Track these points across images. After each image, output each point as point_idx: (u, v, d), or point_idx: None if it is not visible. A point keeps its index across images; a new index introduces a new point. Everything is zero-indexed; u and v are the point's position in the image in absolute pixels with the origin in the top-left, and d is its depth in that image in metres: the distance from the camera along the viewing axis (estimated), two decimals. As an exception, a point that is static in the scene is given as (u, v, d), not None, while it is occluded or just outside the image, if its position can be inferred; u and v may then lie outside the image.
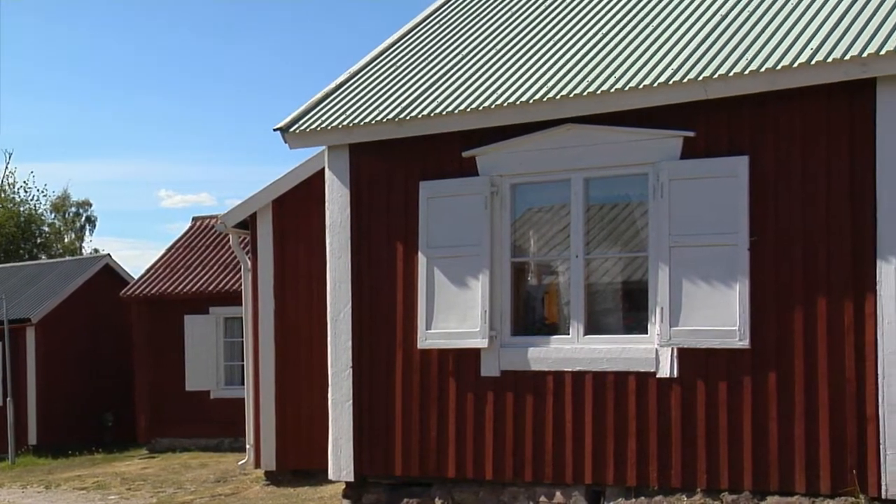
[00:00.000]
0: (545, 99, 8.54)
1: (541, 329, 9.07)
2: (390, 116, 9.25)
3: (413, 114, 9.15)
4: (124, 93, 74.10)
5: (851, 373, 7.57)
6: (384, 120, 9.25)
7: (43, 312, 23.95)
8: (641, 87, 8.14)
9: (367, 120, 9.35)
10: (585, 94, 8.37)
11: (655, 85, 8.09)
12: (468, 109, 8.86)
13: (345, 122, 9.44)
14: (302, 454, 13.17)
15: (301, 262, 13.22)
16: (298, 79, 74.66)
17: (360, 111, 9.55)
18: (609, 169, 8.57)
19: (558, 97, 8.48)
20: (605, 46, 9.09)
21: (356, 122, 9.39)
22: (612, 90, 8.26)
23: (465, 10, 11.14)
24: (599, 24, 9.61)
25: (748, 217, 7.92)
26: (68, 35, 72.81)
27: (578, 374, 8.55)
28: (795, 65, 7.60)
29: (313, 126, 9.59)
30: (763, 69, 7.71)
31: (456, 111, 8.92)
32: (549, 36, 9.76)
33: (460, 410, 9.03)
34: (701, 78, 7.94)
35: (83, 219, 51.19)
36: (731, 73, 7.83)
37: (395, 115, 9.23)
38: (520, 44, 9.83)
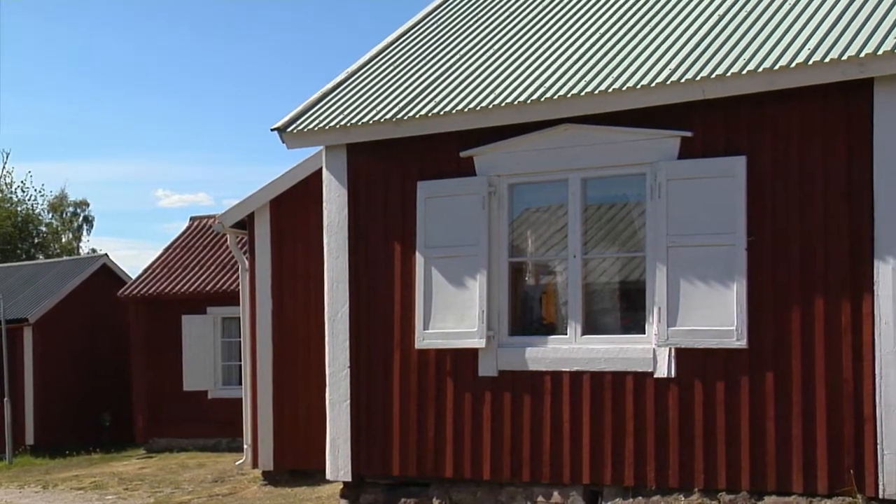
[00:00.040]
0: (543, 99, 8.54)
1: (538, 329, 9.07)
2: (388, 116, 9.25)
3: (410, 114, 9.15)
4: (122, 93, 74.09)
5: (849, 373, 7.58)
6: (382, 120, 9.25)
7: (40, 312, 23.92)
8: (639, 87, 8.14)
9: (364, 120, 9.34)
10: (583, 94, 8.37)
11: (653, 85, 8.10)
12: (466, 109, 8.86)
13: (342, 122, 9.44)
14: (299, 454, 13.17)
15: (299, 262, 13.22)
16: (296, 79, 74.66)
17: (358, 111, 9.54)
18: (606, 169, 8.57)
19: (556, 97, 8.48)
20: (602, 46, 9.09)
21: (354, 122, 9.39)
22: (610, 90, 8.26)
23: (463, 10, 11.14)
24: (597, 24, 9.61)
25: (745, 217, 7.93)
26: (66, 35, 72.80)
27: (576, 374, 8.55)
28: (793, 65, 7.60)
29: (311, 126, 9.59)
30: (760, 69, 7.72)
31: (453, 111, 8.92)
32: (546, 36, 9.76)
33: (458, 410, 9.03)
34: (698, 78, 7.94)
35: (80, 218, 51.09)
36: (728, 74, 7.83)
37: (392, 115, 9.23)
38: (517, 44, 9.83)
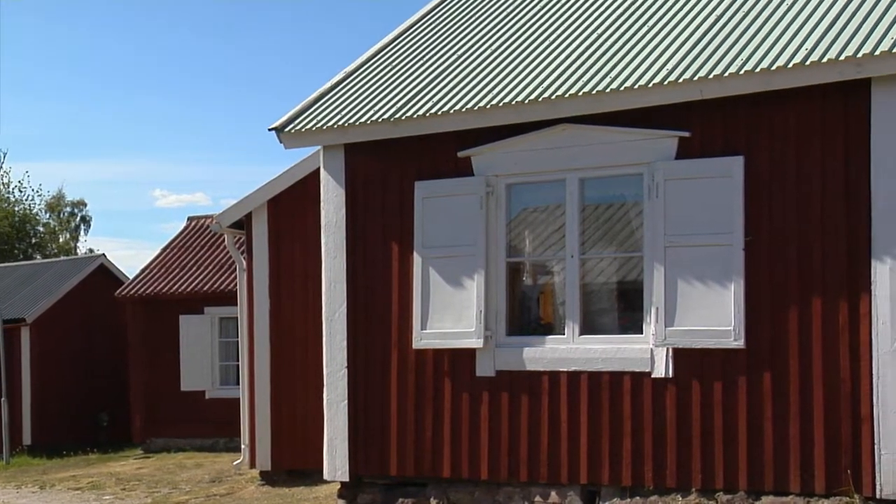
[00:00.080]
0: (540, 99, 8.54)
1: (536, 329, 9.07)
2: (385, 116, 9.24)
3: (408, 114, 9.15)
4: (120, 92, 74.04)
5: (846, 373, 7.58)
6: (379, 120, 9.25)
7: (37, 312, 23.90)
8: (637, 87, 8.15)
9: (362, 120, 9.34)
10: (581, 94, 8.37)
11: (650, 85, 8.10)
12: (463, 109, 8.86)
13: (340, 122, 9.44)
14: (297, 454, 13.16)
15: (296, 262, 13.21)
16: (294, 79, 74.63)
17: (356, 111, 9.54)
18: (604, 169, 8.58)
19: (553, 97, 8.48)
20: (599, 46, 9.09)
21: (351, 122, 9.38)
22: (608, 90, 8.26)
23: (461, 10, 11.14)
24: (594, 24, 9.61)
25: (743, 217, 7.93)
26: (64, 35, 72.73)
27: (574, 374, 8.55)
28: (790, 65, 7.61)
29: (308, 126, 9.58)
30: (758, 69, 7.72)
31: (451, 111, 8.92)
32: (544, 36, 9.76)
33: (455, 410, 9.02)
34: (696, 78, 7.94)
35: (78, 218, 51.05)
36: (726, 74, 7.83)
37: (390, 115, 9.23)
38: (515, 44, 9.83)
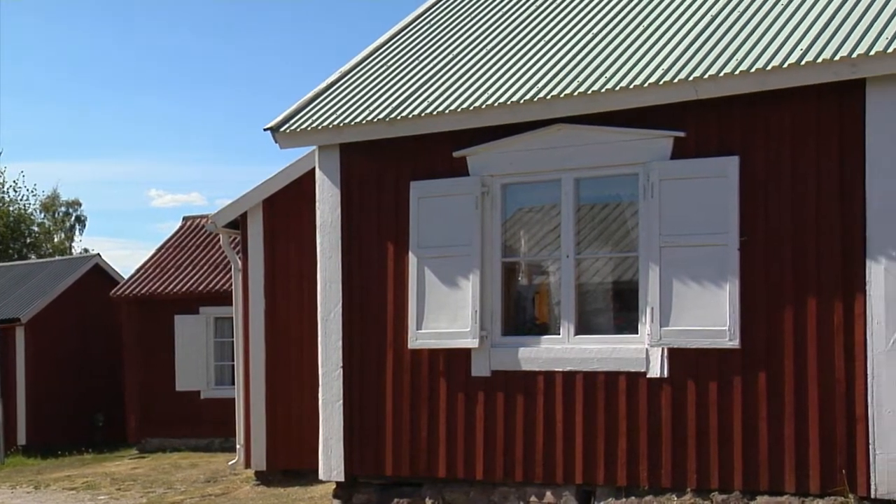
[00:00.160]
0: (536, 99, 8.54)
1: (531, 329, 9.07)
2: (381, 116, 9.24)
3: (404, 114, 9.14)
4: (114, 92, 74.00)
5: (841, 373, 7.59)
6: (375, 120, 9.25)
7: (32, 312, 23.88)
8: (632, 87, 8.15)
9: (357, 120, 9.34)
10: (576, 94, 8.37)
11: (646, 85, 8.10)
12: (459, 109, 8.86)
13: (335, 122, 9.43)
14: (292, 454, 13.15)
15: (292, 261, 13.21)
16: (289, 78, 74.63)
17: (351, 111, 9.53)
18: (600, 169, 8.58)
19: (549, 97, 8.48)
20: (595, 46, 9.09)
21: (347, 122, 9.38)
22: (603, 90, 8.26)
23: (456, 11, 11.14)
24: (590, 24, 9.61)
25: (738, 217, 7.93)
26: (60, 35, 72.69)
27: (569, 374, 8.55)
28: (785, 65, 7.61)
29: (304, 126, 9.58)
30: (753, 69, 7.72)
31: (447, 111, 8.92)
32: (539, 36, 9.76)
33: (451, 410, 9.02)
34: (691, 78, 7.95)
35: (73, 218, 51.02)
36: (721, 74, 7.84)
37: (385, 115, 9.22)
38: (511, 44, 9.83)
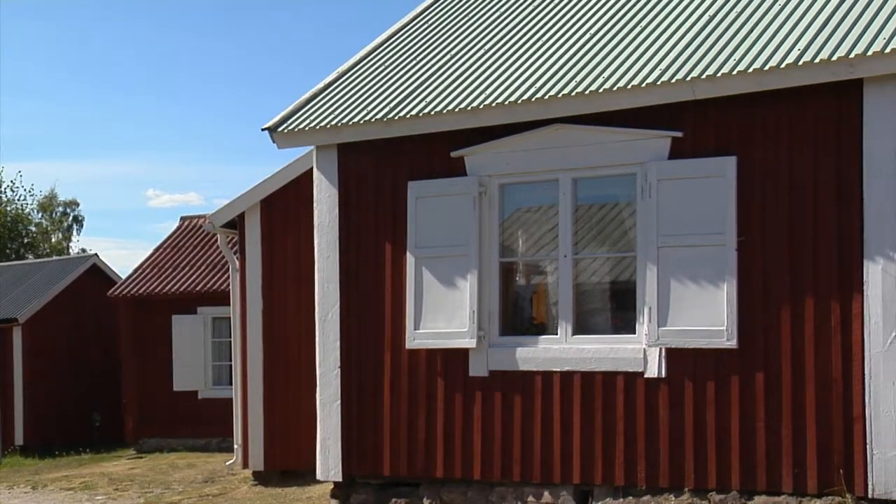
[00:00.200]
0: (534, 99, 8.54)
1: (529, 329, 9.07)
2: (379, 116, 9.24)
3: (401, 114, 9.14)
4: (112, 92, 73.95)
5: (838, 373, 7.59)
6: (372, 120, 9.25)
7: (30, 312, 23.85)
8: (630, 87, 8.15)
9: (355, 120, 9.34)
10: (574, 94, 8.37)
11: (643, 85, 8.10)
12: (457, 109, 8.86)
13: (333, 122, 9.43)
14: (290, 454, 13.15)
15: (289, 262, 13.20)
16: (288, 78, 74.59)
17: (349, 111, 9.53)
18: (597, 169, 8.58)
19: (547, 97, 8.49)
20: (593, 46, 9.09)
21: (344, 121, 9.38)
22: (601, 90, 8.26)
23: (454, 10, 11.14)
24: (588, 24, 9.61)
25: (736, 217, 7.94)
26: (58, 35, 72.60)
27: (567, 374, 8.55)
28: (783, 65, 7.62)
29: (301, 126, 9.57)
30: (751, 69, 7.73)
31: (444, 111, 8.92)
32: (537, 36, 9.77)
33: (448, 410, 9.02)
34: (689, 78, 7.95)
35: (70, 218, 50.98)
36: (718, 74, 7.84)
37: (383, 115, 9.22)
38: (508, 44, 9.83)
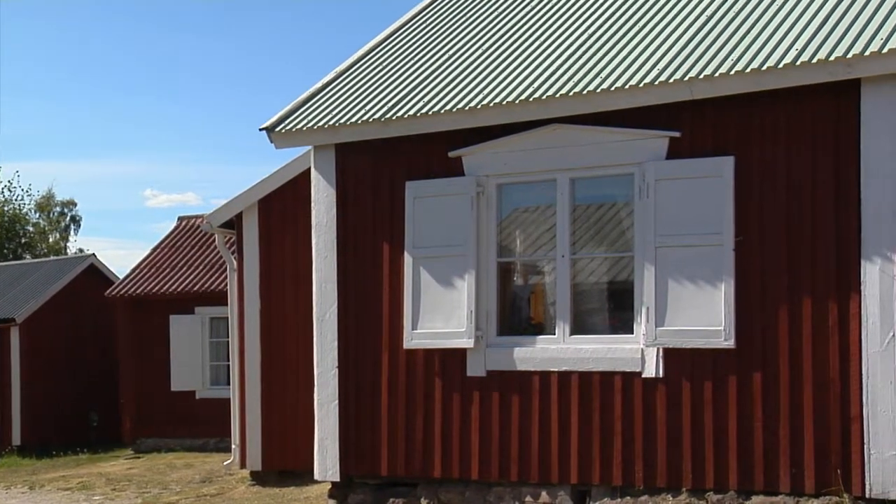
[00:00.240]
0: (531, 99, 8.54)
1: (527, 329, 9.07)
2: (376, 116, 9.24)
3: (399, 114, 9.14)
4: (110, 92, 73.87)
5: (836, 373, 7.59)
6: (370, 120, 9.24)
7: (27, 312, 23.81)
8: (627, 87, 8.15)
9: (353, 120, 9.33)
10: (572, 94, 8.38)
11: (641, 85, 8.11)
12: (454, 109, 8.86)
13: (331, 122, 9.43)
14: (288, 454, 13.15)
15: (287, 262, 13.20)
16: (285, 78, 74.53)
17: (347, 111, 9.53)
18: (595, 169, 8.58)
19: (544, 97, 8.49)
20: (591, 47, 9.10)
21: (342, 121, 9.37)
22: (599, 90, 8.27)
23: (452, 10, 11.14)
24: (585, 24, 9.62)
25: (733, 217, 7.94)
26: (56, 35, 72.51)
27: (564, 374, 8.55)
28: (780, 65, 7.62)
29: (299, 126, 9.57)
30: (748, 70, 7.73)
31: (442, 111, 8.92)
32: (535, 36, 9.77)
33: (446, 410, 9.02)
34: (686, 78, 7.95)
35: (68, 218, 50.88)
36: (716, 74, 7.84)
37: (381, 115, 9.22)
38: (506, 44, 9.83)
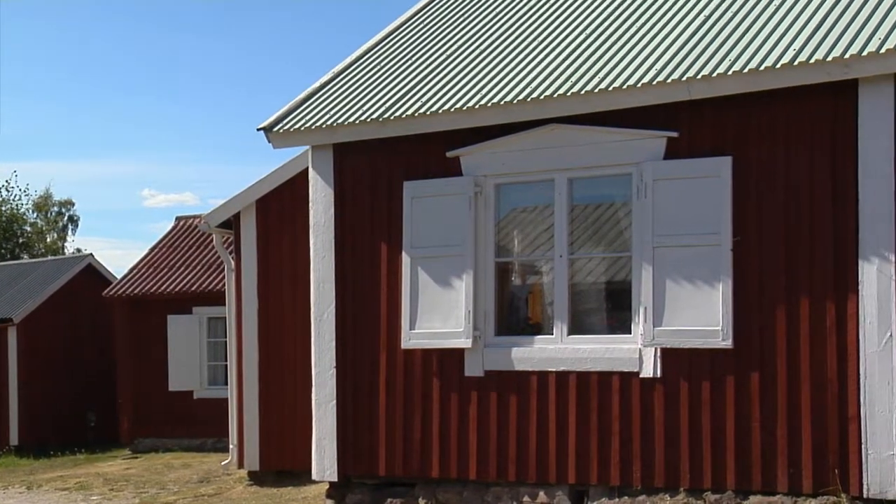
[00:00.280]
0: (529, 99, 8.54)
1: (525, 329, 9.07)
2: (374, 116, 9.23)
3: (397, 114, 9.14)
4: (108, 92, 73.85)
5: (833, 373, 7.60)
6: (368, 120, 9.24)
7: (25, 312, 23.80)
8: (625, 87, 8.15)
9: (351, 120, 9.33)
10: (569, 94, 8.38)
11: (639, 85, 8.11)
12: (452, 109, 8.86)
13: (329, 122, 9.43)
14: (285, 454, 13.14)
15: (285, 262, 13.19)
16: (284, 78, 74.53)
17: (344, 111, 9.53)
18: (593, 169, 8.58)
19: (542, 97, 8.49)
20: (589, 46, 9.10)
21: (340, 121, 9.37)
22: (597, 90, 8.27)
23: (450, 10, 11.14)
24: (583, 24, 9.62)
25: (731, 217, 7.94)
26: (57, 34, 72.49)
27: (562, 374, 8.55)
28: (778, 66, 7.62)
29: (297, 126, 9.57)
30: (746, 70, 7.73)
31: (440, 111, 8.91)
32: (533, 36, 9.77)
33: (444, 410, 9.02)
34: (685, 78, 7.95)
35: (66, 218, 50.85)
36: (714, 74, 7.85)
37: (379, 115, 9.22)
38: (504, 44, 9.83)
